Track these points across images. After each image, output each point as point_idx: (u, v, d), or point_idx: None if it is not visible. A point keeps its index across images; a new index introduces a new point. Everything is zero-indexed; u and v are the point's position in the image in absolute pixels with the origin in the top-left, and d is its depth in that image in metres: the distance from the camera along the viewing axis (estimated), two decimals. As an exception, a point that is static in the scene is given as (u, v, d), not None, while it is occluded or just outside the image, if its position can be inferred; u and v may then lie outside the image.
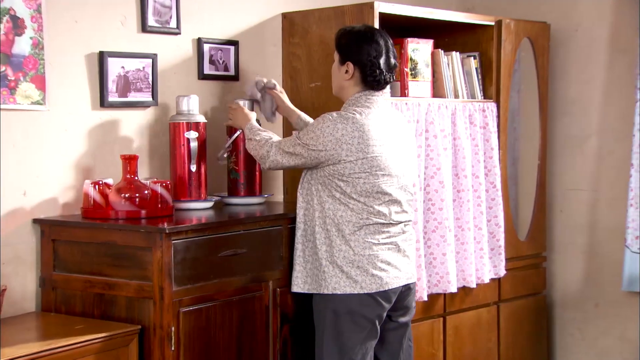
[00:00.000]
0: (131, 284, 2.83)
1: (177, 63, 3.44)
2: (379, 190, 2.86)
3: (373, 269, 2.85)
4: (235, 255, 2.95)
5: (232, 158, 3.43)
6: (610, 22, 4.25)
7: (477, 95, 3.94)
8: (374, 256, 2.86)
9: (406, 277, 2.94)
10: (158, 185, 3.07)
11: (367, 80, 2.91)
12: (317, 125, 2.88)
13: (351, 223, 2.86)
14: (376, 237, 2.87)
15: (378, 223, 2.87)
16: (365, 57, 2.90)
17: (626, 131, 4.13)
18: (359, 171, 2.83)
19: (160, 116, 3.38)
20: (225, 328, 2.93)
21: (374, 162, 2.83)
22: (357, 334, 2.86)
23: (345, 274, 2.85)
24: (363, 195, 2.85)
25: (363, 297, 2.84)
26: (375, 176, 2.84)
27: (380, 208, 2.87)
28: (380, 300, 2.87)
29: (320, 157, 2.86)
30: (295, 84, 3.75)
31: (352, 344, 2.86)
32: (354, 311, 2.85)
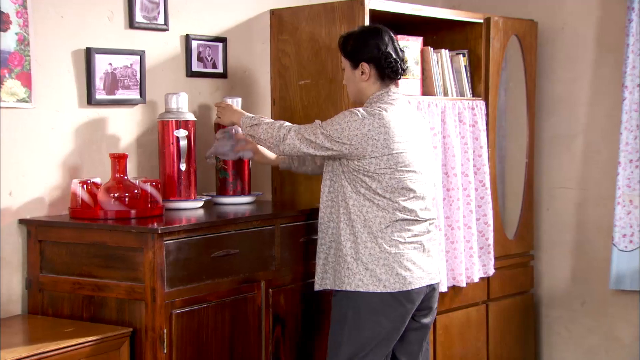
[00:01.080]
0: (122, 286, 2.77)
1: (165, 60, 3.38)
2: (404, 187, 2.82)
3: (399, 268, 2.79)
4: (227, 256, 2.90)
5: (222, 157, 3.37)
6: (596, 20, 4.25)
7: (466, 93, 3.92)
8: (400, 255, 2.81)
9: (430, 277, 2.88)
10: (148, 184, 3.01)
11: (385, 73, 2.90)
12: (343, 118, 2.83)
13: (378, 219, 2.81)
14: (402, 235, 2.82)
15: (405, 220, 2.82)
16: (376, 52, 2.89)
17: (613, 129, 4.14)
18: (384, 167, 2.79)
19: (148, 114, 3.32)
20: (218, 329, 2.88)
21: (399, 159, 2.80)
22: (377, 334, 2.80)
23: (369, 271, 2.79)
24: (389, 191, 2.80)
25: (385, 297, 2.79)
26: (401, 172, 2.81)
27: (406, 204, 2.83)
28: (403, 300, 2.80)
29: (343, 150, 2.80)
30: (284, 81, 3.70)
31: (370, 343, 2.81)
32: (376, 310, 2.80)
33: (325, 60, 3.56)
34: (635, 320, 4.18)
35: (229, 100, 3.38)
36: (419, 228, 2.87)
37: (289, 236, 3.12)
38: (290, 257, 3.13)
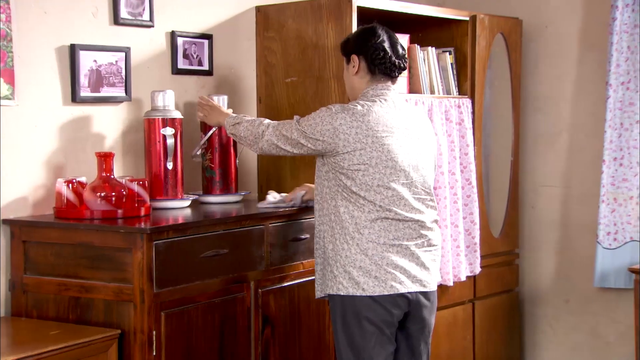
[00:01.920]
0: (109, 287, 2.72)
1: (151, 57, 3.33)
2: (381, 184, 2.68)
3: (377, 271, 2.67)
4: (216, 256, 2.86)
5: (208, 155, 3.33)
6: (580, 18, 4.26)
7: (452, 91, 3.91)
8: (380, 257, 2.67)
9: (418, 285, 2.72)
10: (135, 183, 2.96)
11: (375, 67, 2.78)
12: (317, 113, 2.77)
13: (354, 219, 2.69)
14: (382, 237, 2.68)
15: (385, 219, 2.68)
16: (366, 45, 2.79)
17: (597, 127, 4.15)
18: (357, 163, 2.67)
19: (133, 112, 3.26)
20: (207, 331, 2.84)
21: (374, 154, 2.67)
22: (367, 337, 2.69)
23: (348, 274, 2.69)
24: (363, 189, 2.67)
25: (365, 300, 2.67)
26: (376, 168, 2.67)
27: (383, 204, 2.68)
28: (385, 304, 2.68)
29: (317, 146, 2.73)
30: (270, 79, 3.66)
31: (364, 347, 2.70)
32: (359, 313, 2.69)
33: (312, 57, 3.53)
34: (619, 317, 4.20)
35: (215, 98, 3.33)
36: (404, 230, 2.71)
37: (278, 236, 3.09)
38: (280, 257, 3.10)
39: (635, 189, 4.05)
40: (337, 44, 3.43)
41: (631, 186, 4.06)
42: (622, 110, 4.07)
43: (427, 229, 2.77)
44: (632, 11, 4.02)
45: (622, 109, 4.07)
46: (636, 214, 4.05)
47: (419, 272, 2.72)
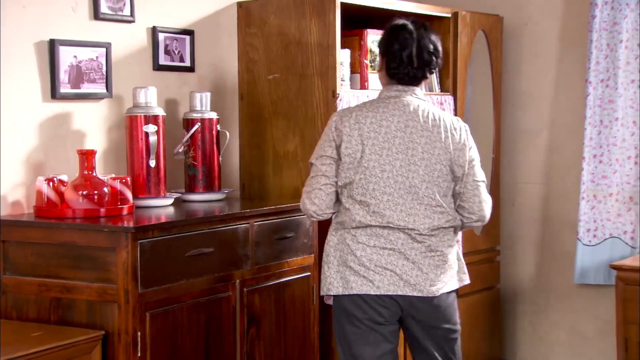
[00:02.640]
0: (92, 287, 2.66)
1: (132, 53, 3.27)
2: (377, 188, 2.64)
3: (365, 272, 2.63)
4: (201, 255, 2.82)
5: (191, 153, 3.28)
6: (560, 16, 4.27)
7: (434, 88, 3.90)
8: (368, 259, 2.64)
9: (412, 288, 2.64)
10: (117, 181, 2.91)
11: (391, 73, 2.73)
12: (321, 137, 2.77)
13: (349, 222, 2.67)
14: (373, 240, 2.64)
15: (376, 226, 2.64)
16: (389, 49, 2.72)
17: (577, 124, 4.16)
18: (356, 166, 2.64)
19: (115, 109, 3.20)
20: (193, 330, 2.80)
21: (357, 162, 2.64)
22: (356, 335, 2.67)
23: (340, 273, 2.67)
24: (359, 194, 2.65)
25: (355, 298, 2.65)
26: (365, 173, 2.64)
27: (377, 209, 2.64)
28: (372, 304, 2.64)
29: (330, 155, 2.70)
30: (253, 75, 3.62)
31: (353, 343, 2.67)
32: (346, 310, 2.67)
33: (295, 54, 3.49)
34: (599, 314, 4.22)
35: (198, 95, 3.30)
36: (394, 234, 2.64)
37: (263, 234, 3.05)
38: (265, 255, 3.06)
39: (615, 185, 4.07)
40: (320, 41, 3.42)
41: (610, 183, 4.08)
42: (601, 108, 4.09)
43: (425, 235, 2.67)
44: (612, 9, 4.04)
45: (602, 107, 4.09)
46: (615, 211, 4.07)
47: (412, 277, 2.66)
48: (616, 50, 4.03)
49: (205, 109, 3.31)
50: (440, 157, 2.68)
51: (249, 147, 3.65)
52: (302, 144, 3.50)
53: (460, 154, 2.72)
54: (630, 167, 4.05)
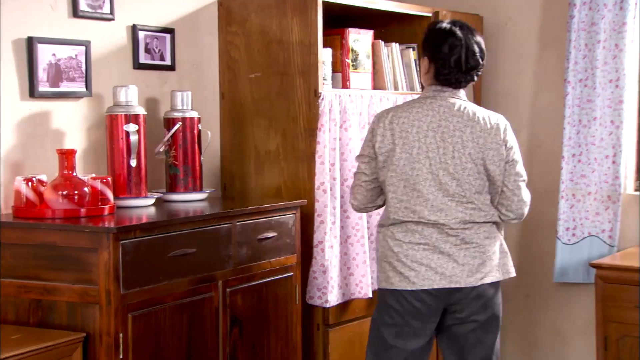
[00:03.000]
0: (73, 289, 2.63)
1: (111, 51, 3.23)
2: (407, 185, 2.71)
3: (402, 267, 2.72)
4: (184, 255, 2.79)
5: (172, 152, 3.25)
6: (539, 15, 4.29)
7: (416, 87, 3.89)
8: (404, 255, 2.72)
9: (447, 281, 2.70)
10: (98, 181, 2.87)
11: (439, 78, 2.78)
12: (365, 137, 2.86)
13: (388, 219, 2.77)
14: (409, 236, 2.72)
15: (410, 222, 2.72)
16: (439, 54, 2.76)
17: (557, 124, 4.18)
18: (389, 164, 2.74)
19: (94, 108, 3.16)
20: (175, 332, 2.77)
21: (402, 155, 2.72)
22: (391, 328, 2.76)
23: (382, 268, 2.78)
24: (391, 191, 2.74)
25: (395, 293, 2.74)
26: (404, 175, 2.72)
27: (409, 205, 2.72)
28: (409, 299, 2.72)
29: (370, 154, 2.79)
30: (234, 74, 3.60)
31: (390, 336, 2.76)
32: (387, 303, 2.77)
33: (277, 53, 3.47)
34: (578, 312, 4.24)
35: (179, 94, 3.27)
36: (428, 229, 2.72)
37: (246, 234, 3.03)
38: (247, 255, 3.04)
39: (593, 184, 4.09)
40: (302, 39, 3.41)
41: (589, 182, 4.10)
42: (580, 107, 4.11)
43: (458, 229, 2.72)
44: (589, 9, 4.06)
45: (580, 106, 4.11)
46: (594, 210, 4.10)
47: (448, 269, 2.71)
48: (594, 50, 4.05)
49: (187, 108, 3.28)
50: (472, 156, 2.73)
51: (230, 147, 3.63)
52: (284, 143, 3.48)
53: (496, 153, 2.76)
54: (608, 166, 4.07)
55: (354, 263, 3.52)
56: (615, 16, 4.01)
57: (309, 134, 3.41)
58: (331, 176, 3.41)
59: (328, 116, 3.40)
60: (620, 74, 4.01)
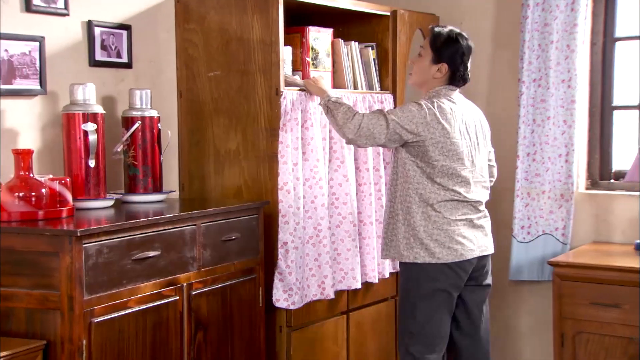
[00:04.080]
0: (32, 294, 2.52)
1: (66, 48, 3.12)
2: (454, 172, 3.10)
3: (450, 242, 3.09)
4: (148, 258, 2.71)
5: (131, 152, 3.16)
6: (493, 16, 4.32)
7: (374, 86, 3.88)
8: (452, 231, 3.09)
9: (480, 249, 3.19)
10: (56, 182, 2.76)
11: (455, 79, 3.20)
12: (408, 107, 3.11)
13: (431, 200, 3.08)
14: (453, 214, 3.10)
15: (454, 200, 3.11)
16: (458, 60, 3.18)
17: (511, 123, 4.22)
18: (439, 154, 3.07)
19: (49, 106, 3.05)
20: (139, 337, 2.69)
21: (451, 147, 3.08)
22: (438, 301, 3.11)
23: (424, 245, 3.08)
24: (439, 176, 3.08)
25: (440, 267, 3.09)
26: (452, 160, 3.09)
27: (455, 188, 3.11)
28: (457, 269, 3.12)
29: (408, 137, 3.06)
30: (192, 72, 3.52)
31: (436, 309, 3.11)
32: (434, 279, 3.09)
33: (237, 51, 3.41)
34: (532, 309, 4.29)
35: (137, 92, 3.20)
36: (467, 208, 3.14)
37: (210, 236, 2.96)
38: (211, 257, 2.98)
39: (547, 183, 4.14)
40: (263, 37, 3.35)
41: (543, 181, 4.15)
42: (534, 107, 4.15)
43: (483, 205, 3.25)
44: (542, 10, 4.10)
45: (535, 106, 4.15)
46: (548, 208, 4.15)
47: (482, 239, 3.20)
48: (547, 50, 4.10)
49: (146, 106, 3.20)
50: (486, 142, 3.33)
51: (189, 146, 3.55)
52: (244, 142, 3.42)
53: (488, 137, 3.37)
54: (561, 165, 4.13)
55: (316, 264, 3.48)
56: (567, 17, 4.06)
57: (271, 134, 3.36)
58: (294, 176, 3.37)
59: (290, 115, 3.35)
60: (572, 74, 4.06)
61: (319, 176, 3.45)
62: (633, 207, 4.03)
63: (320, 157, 3.45)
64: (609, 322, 3.59)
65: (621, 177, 4.17)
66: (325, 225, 3.49)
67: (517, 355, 4.36)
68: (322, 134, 3.49)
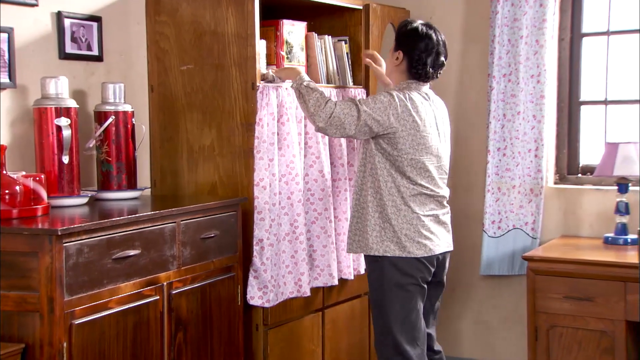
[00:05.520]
0: (9, 296, 2.42)
1: (36, 39, 3.01)
2: (422, 166, 3.09)
3: (419, 237, 3.09)
4: (128, 257, 2.62)
5: (104, 148, 3.06)
6: (462, 11, 4.32)
7: (348, 81, 3.83)
8: (421, 225, 3.09)
9: (445, 245, 3.21)
10: (30, 179, 2.66)
11: (411, 72, 3.16)
12: (380, 98, 3.08)
13: (400, 194, 3.08)
14: (422, 209, 3.10)
15: (423, 194, 3.11)
16: (414, 52, 3.14)
17: (482, 118, 4.22)
18: (409, 146, 3.06)
19: (19, 100, 2.94)
20: (120, 338, 2.60)
21: (421, 140, 3.08)
22: (412, 293, 3.11)
23: (396, 239, 3.07)
24: (409, 170, 3.07)
25: (412, 261, 3.09)
26: (421, 153, 3.08)
27: (423, 182, 3.11)
28: (426, 264, 3.13)
29: (379, 128, 3.04)
30: (164, 66, 3.43)
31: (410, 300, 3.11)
32: (406, 272, 3.09)
33: (211, 44, 3.33)
34: (502, 303, 4.31)
35: (111, 86, 3.11)
36: (434, 203, 3.15)
37: (189, 233, 2.89)
38: (191, 255, 2.90)
39: (517, 178, 4.16)
40: (238, 31, 3.28)
41: (513, 175, 4.16)
42: (504, 102, 4.16)
43: (446, 200, 3.25)
44: (512, 5, 4.11)
45: (505, 100, 4.16)
46: (518, 203, 4.16)
47: (446, 235, 3.22)
48: (517, 45, 4.11)
49: (119, 101, 3.10)
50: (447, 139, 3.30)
51: (160, 141, 3.46)
52: (219, 138, 3.35)
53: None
54: (530, 160, 4.15)
55: (293, 261, 3.43)
56: (536, 12, 4.08)
57: (246, 129, 3.29)
58: (270, 172, 3.31)
59: (266, 110, 3.29)
60: (541, 69, 4.09)
61: (295, 172, 3.40)
62: (600, 201, 4.07)
63: (296, 152, 3.40)
64: (582, 316, 3.61)
65: (589, 172, 4.21)
66: (302, 222, 3.44)
67: (489, 350, 4.38)
68: (298, 129, 3.43)
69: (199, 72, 3.37)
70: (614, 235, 3.91)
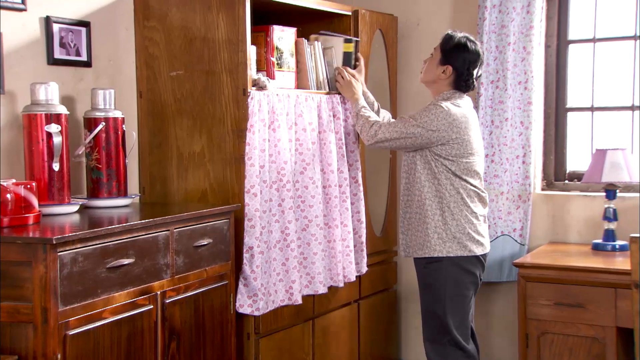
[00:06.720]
0: (2, 307, 2.37)
1: (24, 45, 2.96)
2: (474, 170, 3.33)
3: (477, 236, 3.32)
4: (122, 266, 2.57)
5: (94, 155, 3.01)
6: (448, 17, 4.32)
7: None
8: (477, 224, 3.32)
9: (489, 244, 3.44)
10: (21, 187, 2.60)
11: (459, 84, 3.38)
12: (431, 110, 3.31)
13: (458, 197, 3.29)
14: (478, 209, 3.34)
15: (477, 195, 3.34)
16: (463, 66, 3.36)
17: (469, 125, 4.22)
18: (462, 152, 3.28)
19: (7, 106, 2.88)
20: (114, 349, 2.55)
21: (471, 146, 3.31)
22: (470, 290, 3.34)
23: (456, 239, 3.28)
24: (464, 173, 3.30)
25: (472, 259, 3.31)
26: (472, 157, 3.31)
27: (476, 183, 3.34)
28: (483, 261, 3.36)
29: (432, 137, 3.27)
30: (153, 72, 3.38)
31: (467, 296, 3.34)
32: (467, 270, 3.31)
33: (202, 50, 3.30)
34: (490, 310, 4.30)
35: (101, 92, 3.07)
36: (482, 204, 3.38)
37: (182, 241, 2.84)
38: (184, 264, 2.86)
39: (505, 184, 4.16)
40: (229, 36, 3.25)
41: (501, 182, 4.17)
42: (492, 108, 4.17)
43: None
44: (499, 12, 4.12)
45: (493, 107, 4.16)
46: (506, 209, 4.16)
47: (487, 237, 3.43)
48: (505, 52, 4.12)
49: (110, 107, 3.06)
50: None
51: (150, 148, 3.41)
52: (210, 144, 3.31)
53: None
54: (518, 166, 4.15)
55: (284, 269, 3.40)
56: (523, 20, 4.09)
57: (237, 135, 3.26)
58: (261, 179, 3.27)
59: (257, 116, 3.26)
60: (529, 76, 4.10)
61: (287, 179, 3.37)
62: (588, 208, 4.09)
63: (287, 159, 3.37)
64: (573, 322, 3.62)
65: (576, 178, 4.23)
66: (293, 229, 3.40)
67: (480, 357, 4.36)
68: (288, 135, 3.40)
69: (189, 78, 3.33)
70: (602, 241, 3.92)
